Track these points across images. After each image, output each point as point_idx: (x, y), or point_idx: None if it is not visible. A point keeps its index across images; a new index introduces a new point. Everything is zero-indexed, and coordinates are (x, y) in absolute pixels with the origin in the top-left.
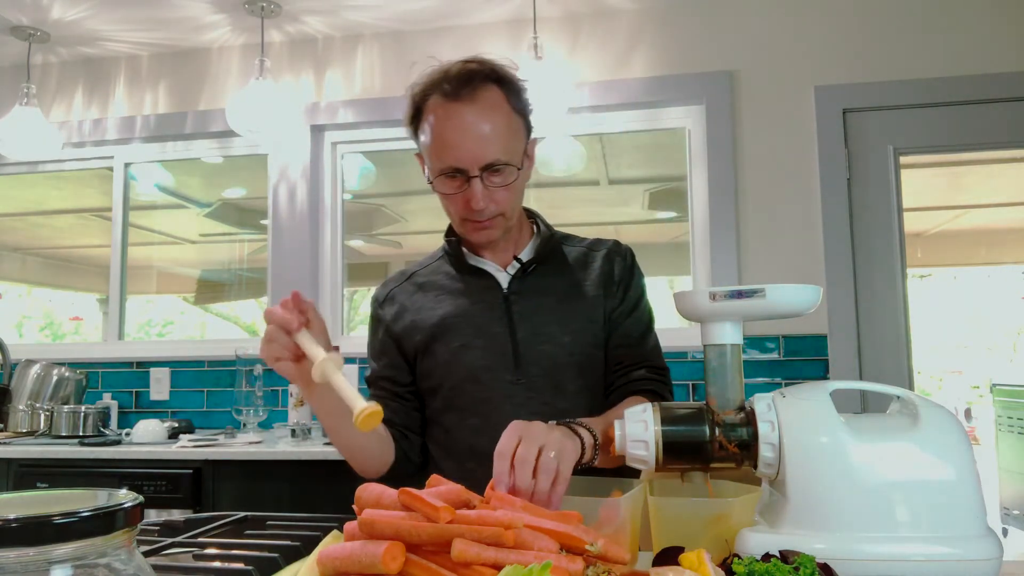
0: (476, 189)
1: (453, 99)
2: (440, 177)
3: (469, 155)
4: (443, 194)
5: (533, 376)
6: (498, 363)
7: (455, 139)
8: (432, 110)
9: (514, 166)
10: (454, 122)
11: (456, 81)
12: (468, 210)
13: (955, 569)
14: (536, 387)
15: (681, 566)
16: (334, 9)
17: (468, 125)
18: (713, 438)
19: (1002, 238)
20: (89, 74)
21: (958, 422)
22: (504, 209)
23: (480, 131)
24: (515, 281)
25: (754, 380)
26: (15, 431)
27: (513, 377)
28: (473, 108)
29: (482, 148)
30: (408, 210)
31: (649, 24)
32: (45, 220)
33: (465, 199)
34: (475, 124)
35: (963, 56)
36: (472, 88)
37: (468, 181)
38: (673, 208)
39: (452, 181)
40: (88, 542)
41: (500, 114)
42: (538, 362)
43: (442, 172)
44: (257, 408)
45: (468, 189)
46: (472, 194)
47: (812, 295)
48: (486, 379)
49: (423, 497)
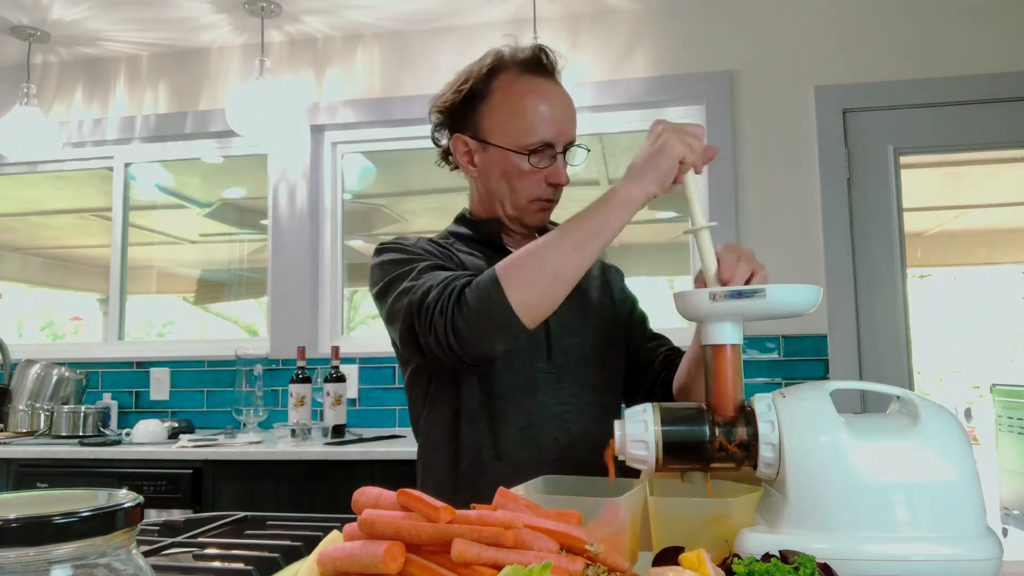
0: (562, 165)
1: (542, 75)
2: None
3: (562, 129)
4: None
5: (562, 365)
6: (531, 350)
7: (548, 113)
8: (516, 84)
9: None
10: (546, 97)
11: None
12: (544, 188)
13: (955, 569)
14: (565, 377)
15: (681, 566)
16: (334, 9)
17: (558, 101)
18: (713, 438)
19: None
20: (89, 74)
21: (958, 422)
22: (561, 193)
23: (568, 108)
24: None
25: (754, 380)
26: (15, 431)
27: (546, 365)
28: (559, 88)
29: (571, 125)
30: (408, 210)
31: (649, 24)
32: (45, 220)
33: (545, 176)
34: (565, 101)
35: (963, 56)
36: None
37: (554, 157)
38: (673, 208)
39: (539, 156)
40: (88, 542)
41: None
42: (567, 352)
43: (530, 147)
44: (257, 408)
45: (552, 166)
46: (557, 170)
47: (812, 295)
48: (519, 365)
49: (422, 497)
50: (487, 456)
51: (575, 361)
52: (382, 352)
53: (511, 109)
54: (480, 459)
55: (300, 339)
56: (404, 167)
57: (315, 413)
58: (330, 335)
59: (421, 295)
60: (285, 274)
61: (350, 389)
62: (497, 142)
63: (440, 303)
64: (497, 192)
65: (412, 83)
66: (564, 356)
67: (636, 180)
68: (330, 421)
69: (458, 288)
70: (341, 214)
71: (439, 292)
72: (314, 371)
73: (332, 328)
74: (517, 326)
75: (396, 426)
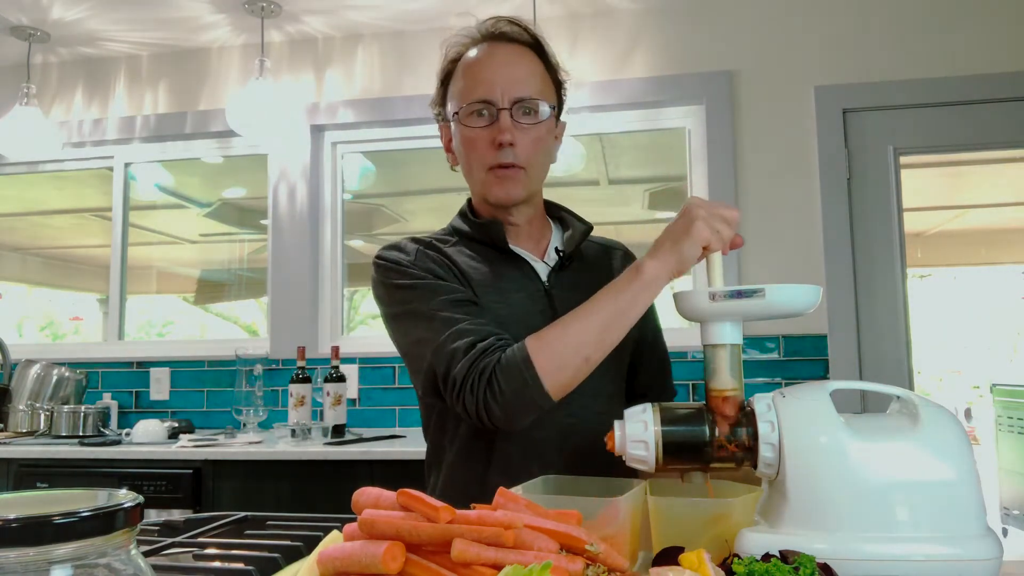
0: (504, 121)
1: (491, 41)
2: (467, 116)
3: (499, 86)
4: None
5: None
6: None
7: (487, 72)
8: (468, 55)
9: (548, 105)
10: (488, 57)
11: (498, 29)
12: (492, 152)
13: (955, 569)
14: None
15: (681, 566)
16: (334, 9)
17: (502, 59)
18: (713, 438)
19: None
20: (89, 74)
21: (958, 422)
22: (528, 160)
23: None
24: (553, 274)
25: (754, 380)
26: (15, 431)
27: None
28: (509, 47)
29: (514, 81)
30: (408, 210)
31: (649, 24)
32: (45, 220)
33: (490, 136)
34: (509, 60)
35: (963, 56)
36: (512, 37)
37: (497, 114)
38: (673, 208)
39: (479, 117)
40: (88, 542)
41: (534, 62)
42: None
43: (470, 108)
44: (257, 408)
45: (496, 125)
46: (500, 127)
47: (812, 295)
48: None
49: (422, 497)
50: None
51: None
52: (382, 352)
53: (458, 77)
54: (484, 474)
55: (300, 339)
56: (404, 167)
57: (315, 413)
58: (330, 335)
59: (447, 363)
60: (285, 274)
61: (350, 389)
62: (451, 114)
63: (471, 381)
64: (467, 174)
65: (412, 83)
66: None
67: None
68: (330, 421)
69: (490, 368)
70: (341, 214)
71: (467, 367)
72: (314, 371)
73: (332, 328)
74: (548, 403)
75: (396, 426)
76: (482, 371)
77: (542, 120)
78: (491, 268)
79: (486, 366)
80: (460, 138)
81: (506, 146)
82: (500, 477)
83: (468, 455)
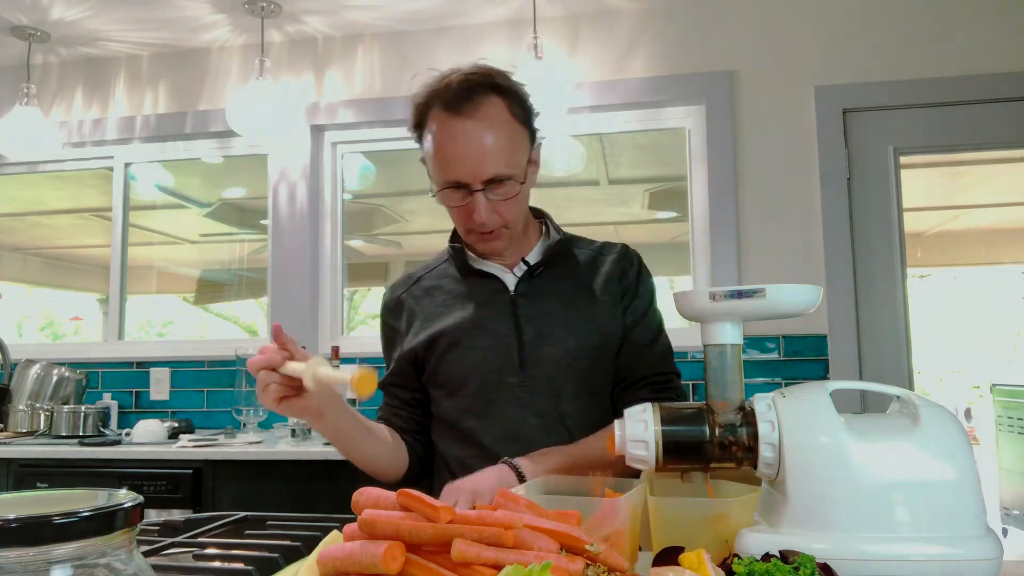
0: (479, 203)
1: (454, 113)
2: (444, 190)
3: (471, 170)
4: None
5: (537, 379)
6: (503, 364)
7: (456, 154)
8: (434, 121)
9: (516, 180)
10: (455, 137)
11: (457, 93)
12: (472, 222)
13: (955, 569)
14: (539, 389)
15: (681, 566)
16: (334, 9)
17: (469, 140)
18: (713, 438)
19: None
20: (89, 74)
21: (958, 422)
22: (508, 221)
23: (481, 146)
24: (522, 283)
25: (754, 380)
26: (15, 431)
27: (518, 379)
28: (474, 122)
29: (483, 163)
30: (408, 210)
31: (649, 24)
32: (45, 220)
33: (468, 212)
34: (476, 139)
35: (963, 56)
36: (473, 102)
37: (471, 195)
38: (673, 208)
39: (455, 194)
40: (88, 542)
41: (502, 127)
42: (543, 364)
43: (446, 185)
44: (257, 408)
45: (471, 202)
46: (475, 208)
47: (812, 295)
48: (492, 380)
49: (422, 498)
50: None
51: (550, 373)
52: (382, 352)
53: (430, 147)
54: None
55: (300, 339)
56: (404, 167)
57: None
58: (330, 335)
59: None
60: (285, 274)
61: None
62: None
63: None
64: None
65: (412, 83)
66: (540, 368)
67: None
68: None
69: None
70: (341, 214)
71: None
72: None
73: (332, 328)
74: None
75: None
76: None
77: (516, 191)
78: (467, 285)
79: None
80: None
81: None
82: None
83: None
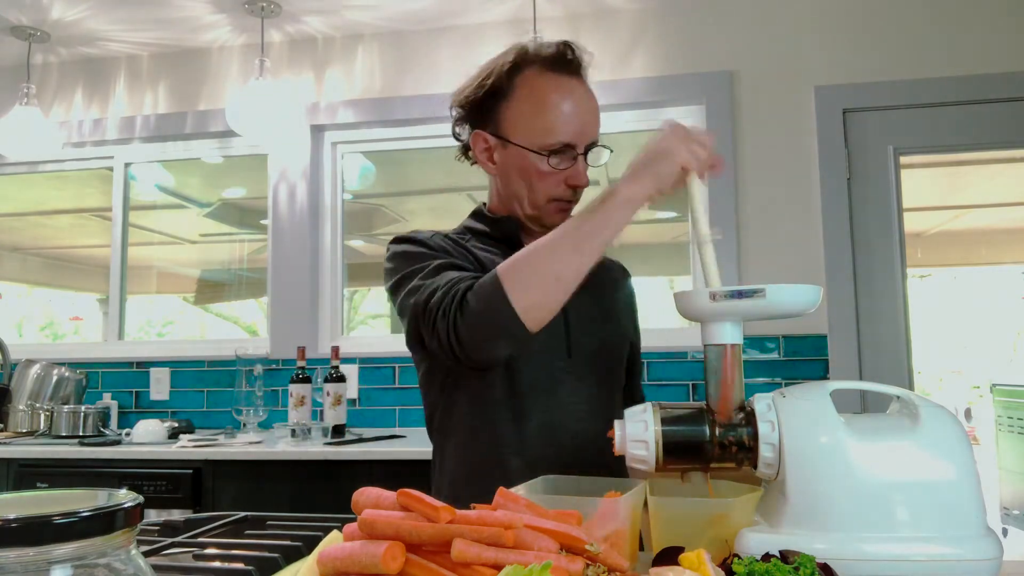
0: (581, 166)
1: (564, 73)
2: (547, 154)
3: (581, 131)
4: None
5: (581, 363)
6: (552, 347)
7: (573, 114)
8: (537, 81)
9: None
10: (569, 96)
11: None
12: (563, 189)
13: (955, 569)
14: (583, 374)
15: (681, 566)
16: (334, 9)
17: (581, 100)
18: (713, 438)
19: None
20: (89, 74)
21: (958, 422)
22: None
23: (592, 108)
24: None
25: (754, 380)
26: (15, 431)
27: (565, 363)
28: (581, 84)
29: (591, 125)
30: (408, 210)
31: (649, 24)
32: (45, 220)
33: (565, 176)
34: (587, 100)
35: (963, 56)
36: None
37: (574, 158)
38: (673, 208)
39: (559, 158)
40: (88, 542)
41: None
42: (586, 349)
43: (550, 148)
44: (257, 408)
45: (573, 167)
46: (577, 171)
47: (812, 295)
48: (541, 361)
49: (422, 497)
50: (507, 453)
51: (594, 358)
52: (382, 352)
53: (532, 107)
54: (500, 456)
55: (300, 339)
56: (404, 167)
57: (315, 413)
58: (330, 335)
59: (427, 297)
60: (285, 274)
61: (350, 389)
62: (517, 140)
63: (443, 306)
64: (516, 190)
65: (412, 83)
66: (583, 353)
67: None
68: (330, 421)
69: (462, 291)
70: (341, 214)
71: (443, 294)
72: (314, 371)
73: (332, 328)
74: (520, 329)
75: (396, 426)
76: (454, 295)
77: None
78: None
79: (460, 291)
80: (525, 165)
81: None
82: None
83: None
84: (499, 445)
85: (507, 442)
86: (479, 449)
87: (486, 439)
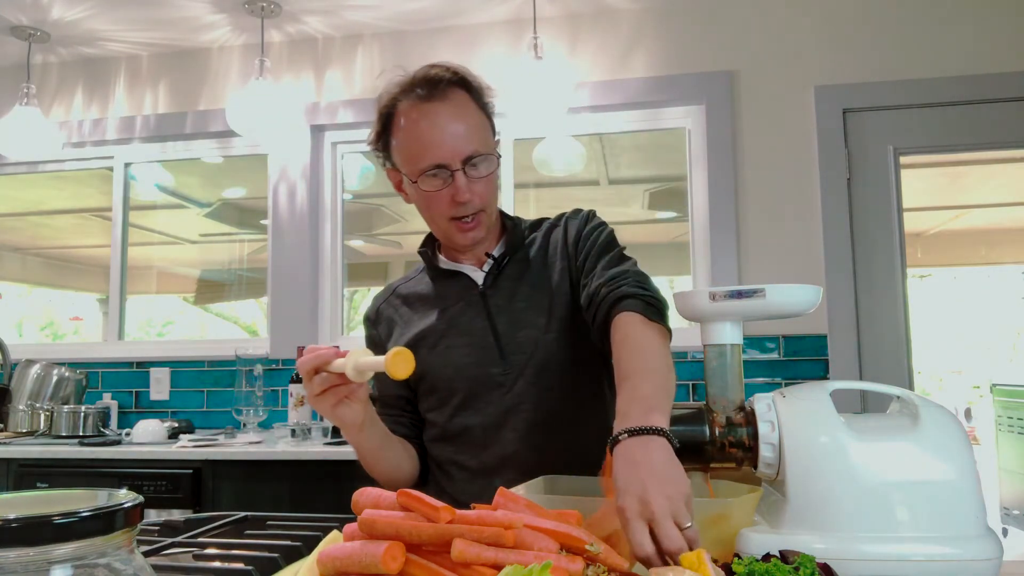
0: (460, 182)
1: (425, 100)
2: (422, 177)
3: (450, 149)
4: (427, 194)
5: (518, 364)
6: (483, 357)
7: (434, 136)
8: (404, 113)
9: (493, 156)
10: (430, 120)
11: (424, 83)
12: (453, 207)
13: (955, 569)
14: (523, 374)
15: (681, 566)
16: (334, 9)
17: (444, 121)
18: (713, 438)
19: (1002, 238)
20: (89, 74)
21: (958, 422)
22: (485, 204)
23: (456, 126)
24: (489, 276)
25: (754, 380)
26: (15, 431)
27: (500, 368)
28: (445, 105)
29: (461, 141)
30: (408, 210)
31: (649, 24)
32: (45, 220)
33: (450, 195)
34: (450, 120)
35: (963, 56)
36: (441, 90)
37: (452, 176)
38: (673, 208)
39: (435, 179)
40: (88, 542)
41: (470, 112)
42: (521, 349)
43: (424, 171)
44: (257, 408)
45: (452, 184)
46: (457, 187)
47: (812, 295)
48: (474, 374)
49: (422, 498)
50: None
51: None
52: None
53: (404, 138)
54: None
55: (300, 339)
56: None
57: (315, 413)
58: (330, 335)
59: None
60: (285, 274)
61: None
62: (404, 171)
63: None
64: (425, 217)
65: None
66: (520, 354)
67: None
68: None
69: None
70: (341, 214)
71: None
72: None
73: (332, 328)
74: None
75: None
76: None
77: (494, 167)
78: (435, 287)
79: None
80: (417, 195)
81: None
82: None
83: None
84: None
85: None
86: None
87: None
